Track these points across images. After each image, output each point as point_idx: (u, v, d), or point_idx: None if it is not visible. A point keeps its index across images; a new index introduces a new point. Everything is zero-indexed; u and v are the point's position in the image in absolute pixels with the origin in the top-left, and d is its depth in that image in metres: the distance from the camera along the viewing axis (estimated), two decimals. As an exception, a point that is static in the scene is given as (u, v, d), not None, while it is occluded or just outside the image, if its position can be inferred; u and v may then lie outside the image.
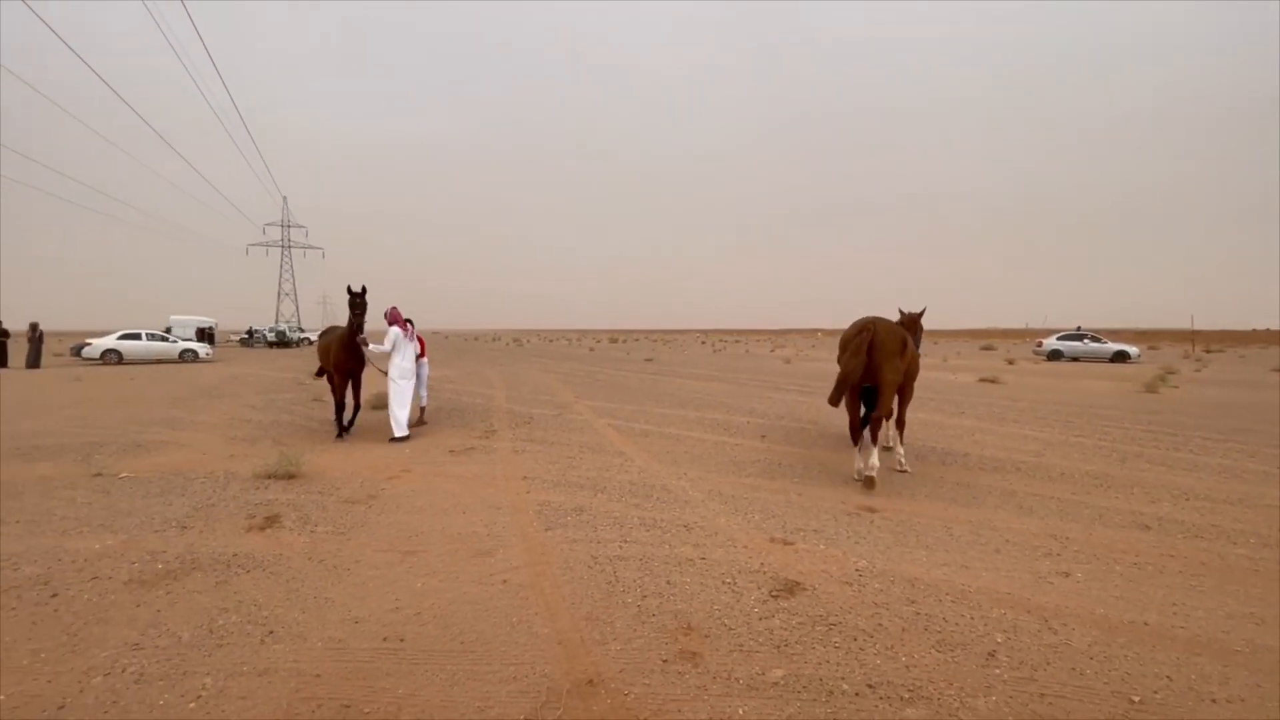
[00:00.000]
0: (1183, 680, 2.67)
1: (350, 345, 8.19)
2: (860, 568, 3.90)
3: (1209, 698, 2.55)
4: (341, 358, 8.29)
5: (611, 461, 6.87)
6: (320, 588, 3.56)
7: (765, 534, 4.52)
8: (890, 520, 4.87)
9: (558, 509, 5.08)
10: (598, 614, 3.24)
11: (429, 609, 3.29)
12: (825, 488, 5.84)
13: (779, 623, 3.17)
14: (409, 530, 4.58)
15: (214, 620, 3.16)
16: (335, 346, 8.41)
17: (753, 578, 3.73)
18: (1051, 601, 3.43)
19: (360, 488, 5.76)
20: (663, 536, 4.43)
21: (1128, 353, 28.92)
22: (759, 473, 6.40)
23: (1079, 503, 5.36)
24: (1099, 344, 29.71)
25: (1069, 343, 30.38)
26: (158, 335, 27.09)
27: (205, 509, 5.04)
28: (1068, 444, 8.03)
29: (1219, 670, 2.75)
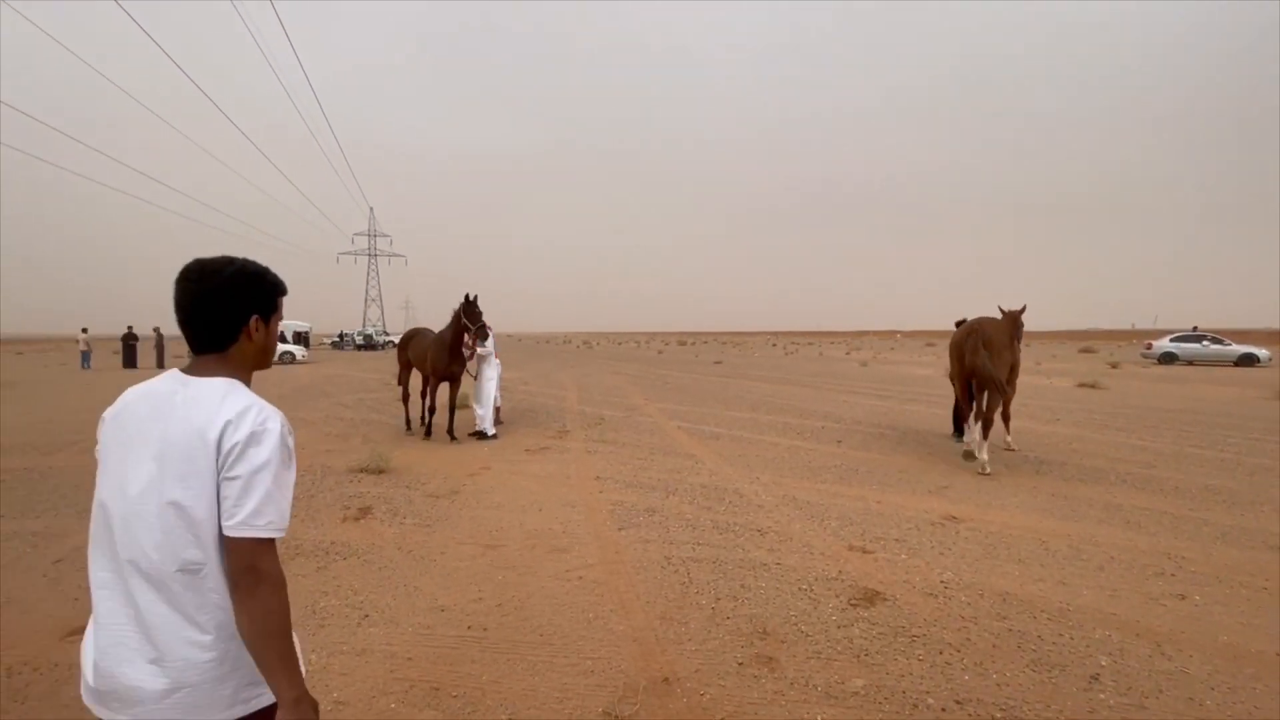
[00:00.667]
0: (1326, 720, 2.39)
1: (455, 350, 8.31)
2: (945, 579, 3.73)
3: (1359, 741, 2.28)
4: (444, 362, 8.33)
5: (682, 464, 6.87)
6: (409, 576, 3.77)
7: (843, 541, 4.39)
8: (978, 531, 4.62)
9: (630, 509, 5.14)
10: (672, 614, 3.26)
11: (509, 601, 3.42)
12: (906, 496, 5.61)
13: (858, 632, 3.08)
14: (489, 525, 4.77)
15: (316, 602, 3.41)
16: (436, 351, 8.46)
17: (830, 585, 3.64)
18: (1165, 625, 3.15)
19: (443, 483, 6.05)
20: (736, 540, 4.40)
21: (1256, 356, 26.00)
22: (835, 479, 6.23)
23: (1197, 520, 4.89)
24: (1221, 346, 26.88)
25: (1185, 345, 27.63)
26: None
27: (306, 499, 5.44)
28: (1182, 455, 7.34)
29: (1373, 712, 2.44)
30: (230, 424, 1.09)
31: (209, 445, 1.08)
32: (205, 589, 1.10)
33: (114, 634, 1.11)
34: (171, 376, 1.20)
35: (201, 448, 1.08)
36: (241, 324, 1.23)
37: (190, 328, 1.20)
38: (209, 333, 1.21)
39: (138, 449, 1.11)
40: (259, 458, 1.09)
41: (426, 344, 8.75)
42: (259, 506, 1.08)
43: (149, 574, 1.09)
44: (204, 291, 1.19)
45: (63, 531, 4.59)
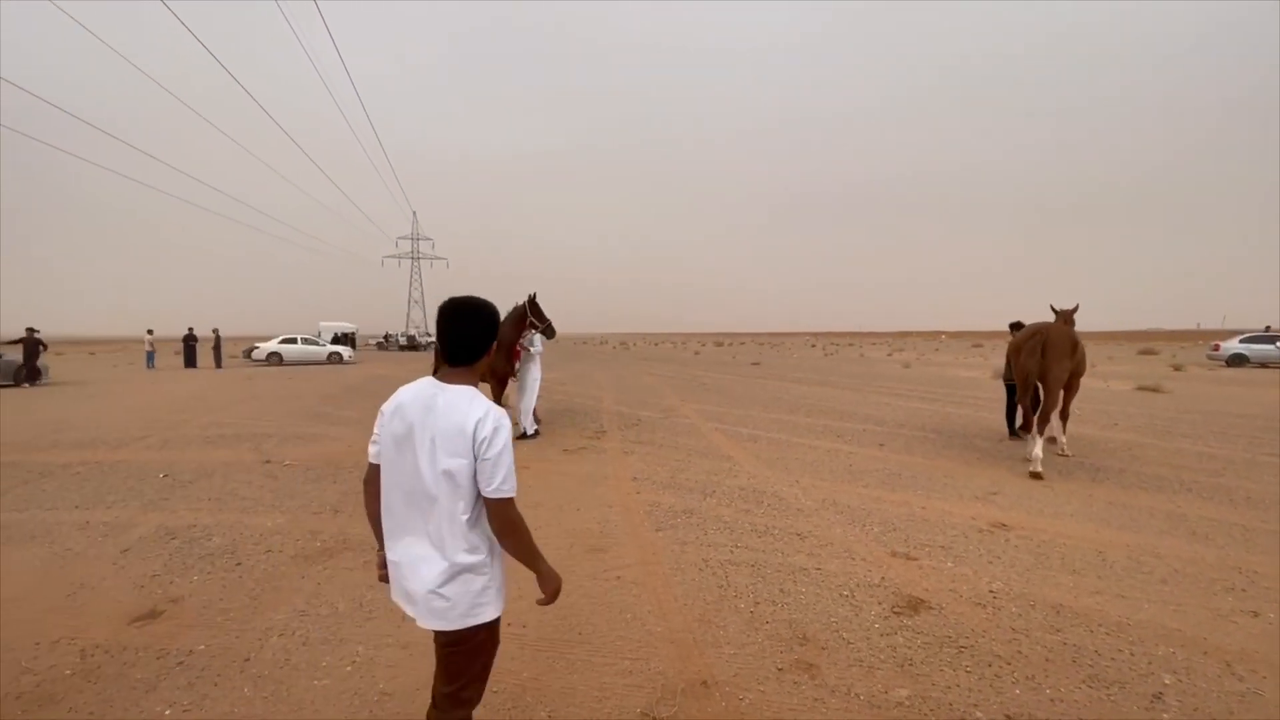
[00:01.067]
0: None
1: (513, 350, 8.40)
2: (994, 589, 3.60)
3: None
4: (503, 363, 8.41)
5: (720, 466, 6.83)
6: (451, 572, 3.85)
7: (885, 547, 4.29)
8: (1029, 540, 4.45)
9: (667, 510, 5.13)
10: (709, 616, 3.24)
11: (548, 599, 3.45)
12: (952, 501, 5.44)
13: (902, 640, 3.00)
14: (528, 523, 4.81)
15: (363, 595, 3.52)
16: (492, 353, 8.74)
17: (872, 592, 3.56)
18: (1235, 643, 2.98)
19: (484, 482, 6.15)
20: (775, 544, 4.35)
21: (1337, 358, 24.30)
22: (877, 483, 6.09)
23: (1271, 532, 4.60)
24: (1296, 348, 25.21)
25: (1257, 346, 25.98)
26: (310, 340, 30.59)
27: (353, 495, 5.61)
28: (1255, 464, 6.91)
29: None
30: (479, 422, 1.59)
31: (467, 435, 1.58)
32: (459, 532, 1.63)
33: (410, 557, 1.66)
34: (429, 383, 1.69)
35: (462, 437, 1.58)
36: (486, 349, 1.76)
37: (451, 346, 1.70)
38: (465, 352, 1.72)
39: (418, 433, 1.62)
40: (499, 445, 1.60)
41: None
42: (504, 478, 1.61)
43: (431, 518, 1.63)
44: (469, 324, 1.71)
45: (129, 523, 4.85)
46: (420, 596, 1.65)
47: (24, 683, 2.66)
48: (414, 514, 1.66)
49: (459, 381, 1.69)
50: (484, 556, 1.70)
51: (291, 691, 2.59)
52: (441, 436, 1.59)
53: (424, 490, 1.62)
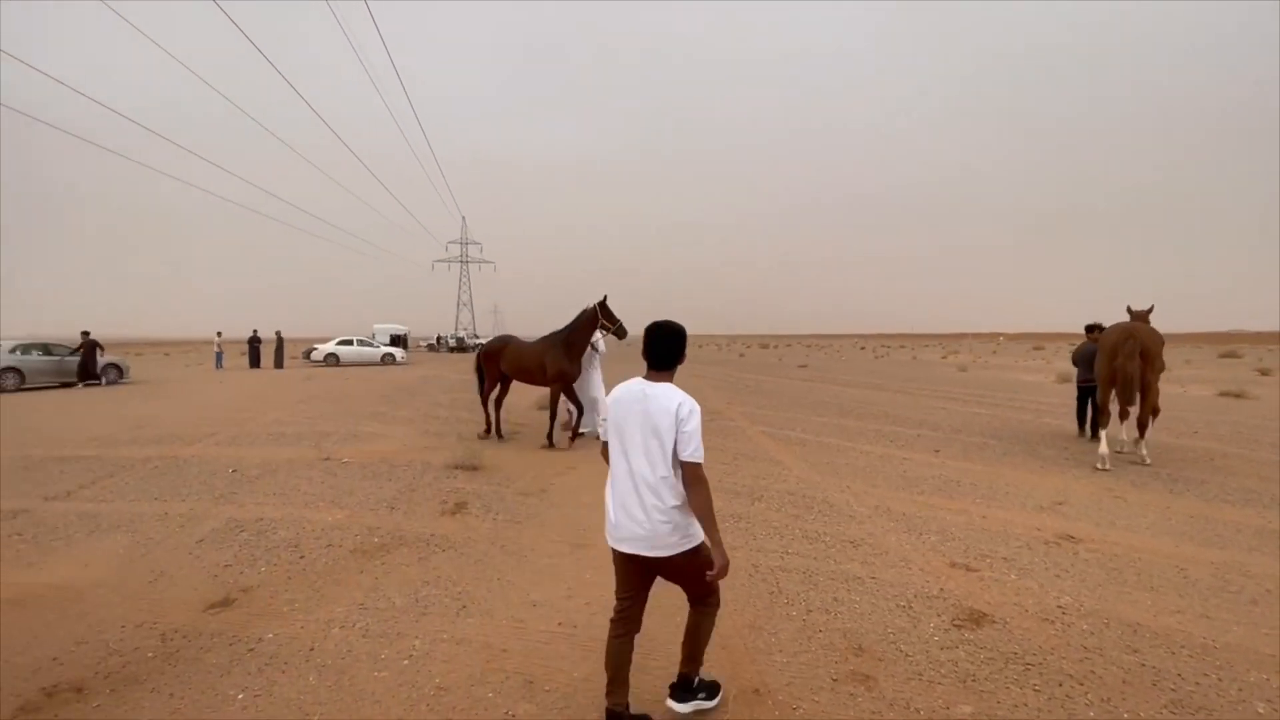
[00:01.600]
0: None
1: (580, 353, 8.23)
2: (1063, 604, 3.42)
3: None
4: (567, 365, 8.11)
5: (768, 470, 6.73)
6: (503, 570, 3.92)
7: (944, 557, 4.14)
8: (1100, 554, 4.21)
9: (716, 514, 5.07)
10: (761, 623, 3.19)
11: (598, 600, 3.47)
12: (1015, 511, 5.21)
13: (963, 655, 2.88)
14: (577, 524, 4.87)
15: (419, 590, 3.61)
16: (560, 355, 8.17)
17: (931, 603, 3.43)
18: (1340, 672, 2.74)
19: (533, 481, 6.25)
20: (827, 551, 4.25)
21: None
22: (934, 490, 5.88)
23: (1378, 552, 4.22)
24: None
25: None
26: (365, 342, 31.72)
27: (408, 493, 5.78)
28: (1356, 476, 6.36)
29: None
30: (679, 406, 2.20)
31: (672, 415, 2.19)
32: (668, 486, 2.21)
33: (625, 505, 2.27)
34: (639, 382, 2.34)
35: (668, 417, 2.19)
36: (680, 359, 2.38)
37: (657, 356, 2.35)
38: (667, 360, 2.35)
39: (635, 417, 2.26)
40: (693, 424, 2.20)
41: (538, 351, 8.34)
42: (696, 446, 2.19)
43: (644, 477, 2.23)
44: (672, 341, 2.35)
45: (203, 515, 5.12)
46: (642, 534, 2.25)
47: (111, 663, 2.84)
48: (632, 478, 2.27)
49: (661, 380, 2.33)
50: (683, 503, 2.24)
51: (353, 682, 2.68)
52: (652, 418, 2.22)
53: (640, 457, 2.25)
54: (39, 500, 5.55)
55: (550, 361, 8.20)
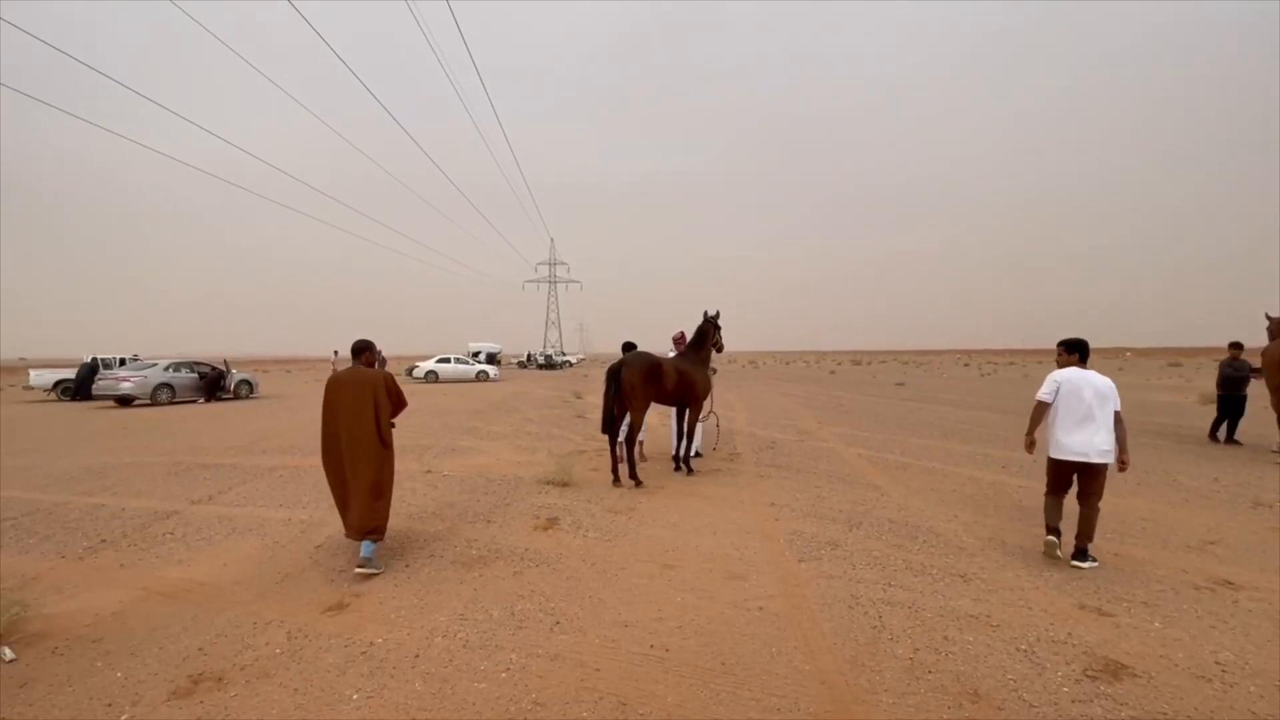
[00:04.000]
0: None
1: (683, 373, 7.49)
2: (1222, 660, 3.00)
3: None
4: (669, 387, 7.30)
5: (865, 495, 6.41)
6: (594, 588, 3.95)
7: (1070, 598, 3.75)
8: (1265, 604, 3.66)
9: (809, 540, 4.89)
10: (863, 659, 3.01)
11: (689, 624, 3.41)
12: (1155, 550, 4.65)
13: (1100, 710, 2.58)
14: (666, 544, 4.83)
15: (514, 605, 3.71)
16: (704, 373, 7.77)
17: (1057, 649, 3.11)
18: None
19: (621, 499, 6.29)
20: (934, 585, 3.97)
21: None
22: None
23: None
24: None
25: None
26: (461, 360, 33.48)
27: (503, 507, 5.99)
28: None
29: None
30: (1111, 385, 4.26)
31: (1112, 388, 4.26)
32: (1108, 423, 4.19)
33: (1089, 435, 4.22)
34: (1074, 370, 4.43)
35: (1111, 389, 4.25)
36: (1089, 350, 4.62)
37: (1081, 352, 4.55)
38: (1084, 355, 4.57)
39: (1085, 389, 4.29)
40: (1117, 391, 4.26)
41: (684, 368, 7.55)
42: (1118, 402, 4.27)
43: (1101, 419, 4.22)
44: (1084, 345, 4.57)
45: (321, 521, 5.54)
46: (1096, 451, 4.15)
47: (246, 657, 3.11)
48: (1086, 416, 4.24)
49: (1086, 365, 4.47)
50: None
51: (455, 690, 2.78)
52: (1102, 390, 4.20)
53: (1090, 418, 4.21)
54: (186, 503, 6.23)
55: (701, 379, 7.75)
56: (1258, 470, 7.55)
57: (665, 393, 7.26)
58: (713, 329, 8.13)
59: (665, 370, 7.18)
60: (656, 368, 7.10)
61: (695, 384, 7.56)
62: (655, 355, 7.32)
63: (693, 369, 7.64)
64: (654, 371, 7.07)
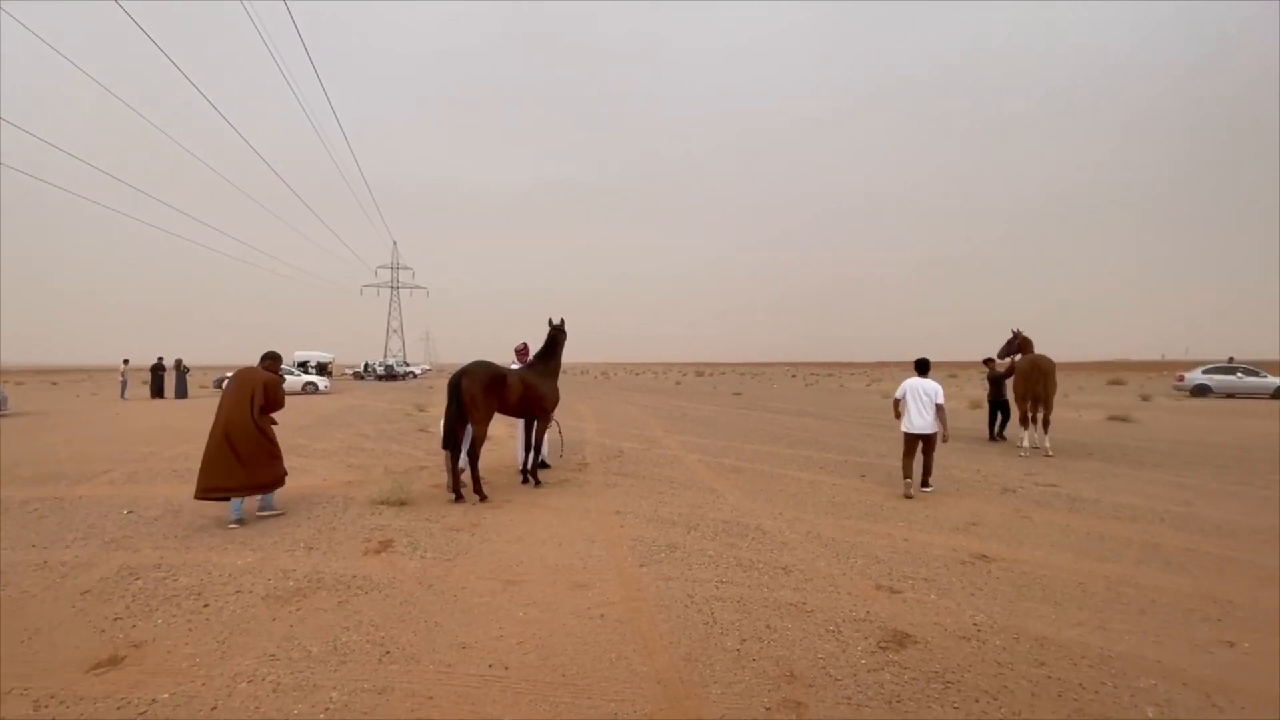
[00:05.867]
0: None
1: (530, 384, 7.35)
2: (978, 622, 3.61)
3: None
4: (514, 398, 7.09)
5: (703, 499, 6.80)
6: (430, 612, 3.75)
7: (870, 580, 4.28)
8: (1010, 571, 4.48)
9: (651, 545, 5.07)
10: (696, 655, 3.19)
11: (531, 639, 3.37)
12: (934, 533, 5.47)
13: (889, 676, 2.98)
14: (509, 559, 4.73)
15: (338, 637, 3.40)
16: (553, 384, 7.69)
17: (858, 627, 3.54)
18: (1213, 674, 3.01)
19: (463, 516, 6.04)
20: (760, 579, 4.31)
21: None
22: (861, 515, 6.10)
23: (1244, 561, 4.69)
24: (1258, 378, 26.06)
25: (1219, 376, 26.83)
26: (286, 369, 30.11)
27: (328, 531, 5.47)
28: (1224, 493, 7.08)
29: None
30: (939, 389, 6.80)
31: (937, 390, 6.79)
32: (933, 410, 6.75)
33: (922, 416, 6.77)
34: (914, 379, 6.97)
35: (936, 388, 6.79)
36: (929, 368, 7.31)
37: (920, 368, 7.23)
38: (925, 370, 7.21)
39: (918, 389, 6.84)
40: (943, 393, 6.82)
41: (531, 379, 7.41)
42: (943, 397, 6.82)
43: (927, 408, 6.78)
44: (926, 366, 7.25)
45: (90, 562, 4.65)
46: (928, 426, 6.69)
47: (-29, 738, 2.51)
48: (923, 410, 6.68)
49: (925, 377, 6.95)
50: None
51: (261, 742, 2.47)
52: (930, 390, 6.71)
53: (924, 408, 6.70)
54: (-112, 552, 4.89)
55: (549, 390, 7.63)
56: (1008, 462, 9.22)
57: (509, 404, 7.08)
58: (562, 338, 8.15)
59: (509, 381, 7.01)
60: (499, 378, 6.92)
61: (543, 396, 7.49)
62: (498, 365, 7.11)
63: (540, 380, 7.55)
64: (497, 382, 6.88)
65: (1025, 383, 10.06)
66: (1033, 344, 10.70)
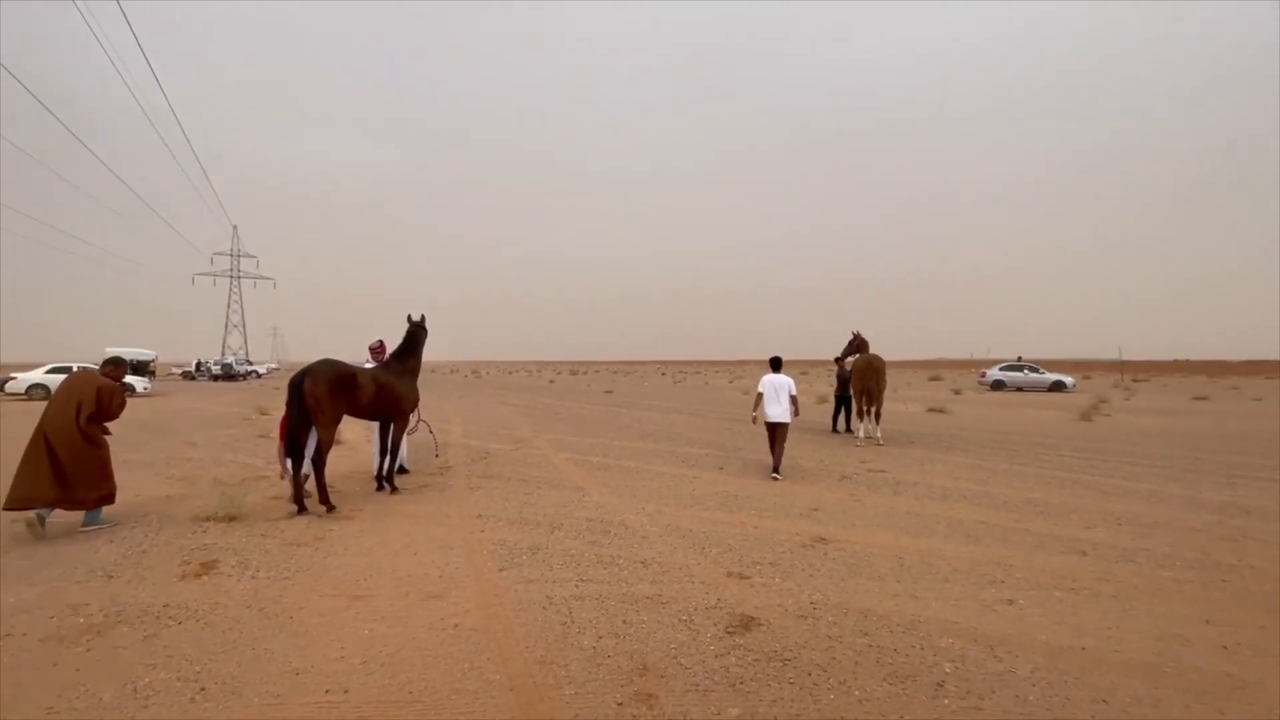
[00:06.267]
0: (1118, 704, 2.78)
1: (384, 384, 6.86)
2: (814, 600, 3.95)
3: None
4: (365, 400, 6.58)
5: (569, 497, 6.80)
6: (259, 638, 3.39)
7: (722, 568, 4.53)
8: (844, 551, 4.95)
9: (513, 548, 4.98)
10: (552, 657, 3.18)
11: (376, 657, 3.17)
12: (781, 520, 5.91)
13: (734, 660, 3.16)
14: (357, 573, 4.41)
15: (139, 678, 2.96)
16: (412, 384, 7.30)
17: (709, 614, 3.72)
18: (997, 629, 3.53)
19: (306, 529, 5.54)
20: (620, 574, 4.40)
21: (1064, 383, 30.43)
22: (717, 505, 6.44)
23: (1021, 530, 5.57)
24: (1038, 374, 31.17)
25: (1011, 373, 31.77)
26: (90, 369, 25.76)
27: (136, 555, 4.76)
28: (1011, 472, 8.36)
29: (1150, 693, 2.87)
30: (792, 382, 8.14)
31: (790, 384, 8.00)
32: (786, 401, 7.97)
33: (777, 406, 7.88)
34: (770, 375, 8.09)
35: (788, 383, 7.98)
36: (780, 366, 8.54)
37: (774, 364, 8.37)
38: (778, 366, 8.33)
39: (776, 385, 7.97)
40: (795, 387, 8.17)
41: (386, 379, 6.91)
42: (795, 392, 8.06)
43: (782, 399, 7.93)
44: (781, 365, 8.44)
45: None
46: (782, 414, 7.81)
47: None
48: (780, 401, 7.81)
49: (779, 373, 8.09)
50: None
51: (27, 814, 2.09)
52: (782, 384, 7.89)
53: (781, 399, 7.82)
54: None
55: (406, 390, 7.15)
56: (847, 452, 10.20)
57: (360, 406, 6.57)
58: (422, 335, 7.75)
59: (360, 381, 6.50)
60: (348, 378, 6.39)
61: (400, 397, 7.05)
62: (347, 364, 6.56)
63: (397, 380, 7.10)
64: (345, 382, 6.34)
65: (860, 379, 11.25)
66: (869, 345, 11.96)
